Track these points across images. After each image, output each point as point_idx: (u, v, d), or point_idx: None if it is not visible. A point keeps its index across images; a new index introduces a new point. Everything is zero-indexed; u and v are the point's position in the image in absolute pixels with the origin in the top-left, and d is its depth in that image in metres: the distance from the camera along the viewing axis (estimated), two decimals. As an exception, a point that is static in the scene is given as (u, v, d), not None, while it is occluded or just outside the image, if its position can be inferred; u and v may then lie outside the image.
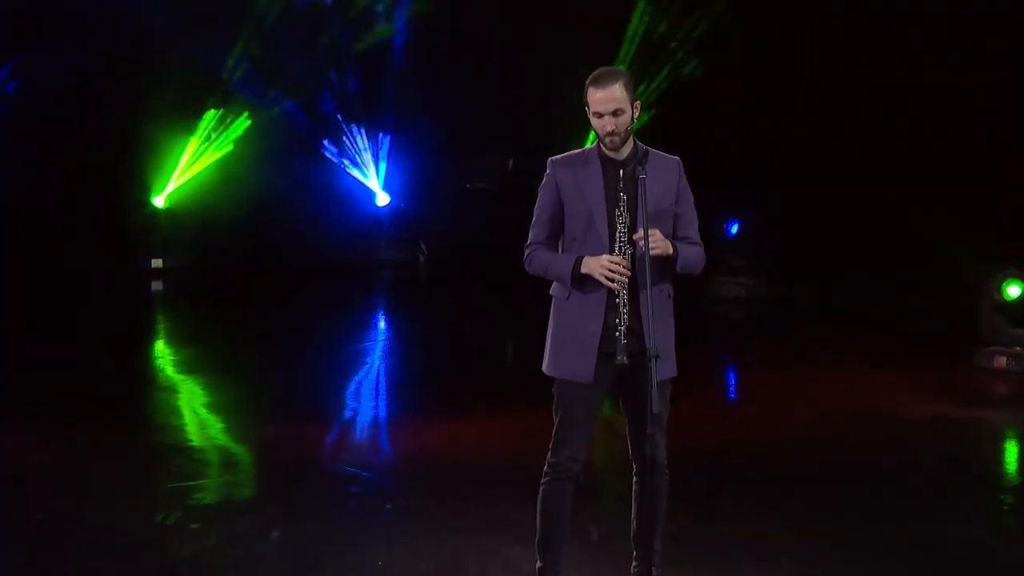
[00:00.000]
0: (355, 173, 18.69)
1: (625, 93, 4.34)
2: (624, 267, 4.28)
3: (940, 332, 11.67)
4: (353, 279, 17.35)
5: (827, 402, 8.85)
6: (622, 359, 4.25)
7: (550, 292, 4.52)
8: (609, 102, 4.31)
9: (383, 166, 18.78)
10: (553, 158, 4.51)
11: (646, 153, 4.33)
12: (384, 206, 18.97)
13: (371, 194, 18.93)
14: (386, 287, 17.79)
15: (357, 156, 18.60)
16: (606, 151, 4.42)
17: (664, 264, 4.35)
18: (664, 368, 4.36)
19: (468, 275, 17.15)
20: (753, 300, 14.89)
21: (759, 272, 15.28)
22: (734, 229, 15.84)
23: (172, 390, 9.60)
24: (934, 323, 12.11)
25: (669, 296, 4.45)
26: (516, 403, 8.43)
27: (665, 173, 4.42)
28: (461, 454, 7.25)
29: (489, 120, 17.50)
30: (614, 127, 4.34)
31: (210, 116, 17.99)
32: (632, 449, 4.50)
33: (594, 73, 4.42)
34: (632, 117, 4.37)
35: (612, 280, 4.27)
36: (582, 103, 4.39)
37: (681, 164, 4.50)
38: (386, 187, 18.85)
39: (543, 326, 4.50)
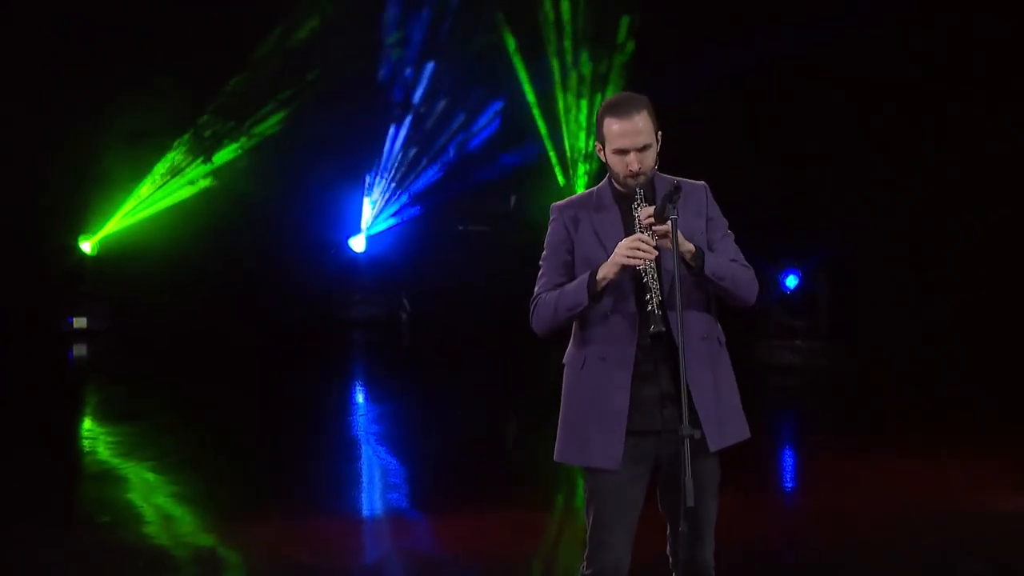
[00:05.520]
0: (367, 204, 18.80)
1: (650, 123, 4.37)
2: (649, 243, 4.27)
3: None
4: (320, 340, 17.36)
5: (900, 493, 8.88)
6: (657, 328, 4.19)
7: (563, 361, 4.51)
8: (635, 135, 4.33)
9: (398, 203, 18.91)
10: (557, 204, 4.54)
11: (677, 188, 4.32)
12: (361, 253, 19.03)
13: (347, 235, 18.99)
14: (361, 351, 17.79)
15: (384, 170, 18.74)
16: (620, 189, 4.46)
17: (705, 305, 4.40)
18: (731, 430, 4.40)
19: (460, 336, 17.17)
20: (811, 369, 14.89)
21: (820, 335, 15.27)
22: (792, 282, 15.72)
23: (104, 478, 9.63)
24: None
25: (719, 343, 4.47)
26: (517, 495, 8.52)
27: (690, 203, 4.45)
28: (451, 554, 7.34)
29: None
30: (640, 166, 4.36)
31: (185, 140, 18.18)
32: (671, 551, 4.48)
33: (610, 100, 4.43)
34: (657, 151, 4.40)
35: (638, 257, 4.26)
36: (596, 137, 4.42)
37: (708, 189, 4.54)
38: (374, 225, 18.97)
39: (553, 399, 4.54)
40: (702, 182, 4.55)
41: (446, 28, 18.28)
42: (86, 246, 18.26)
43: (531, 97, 17.99)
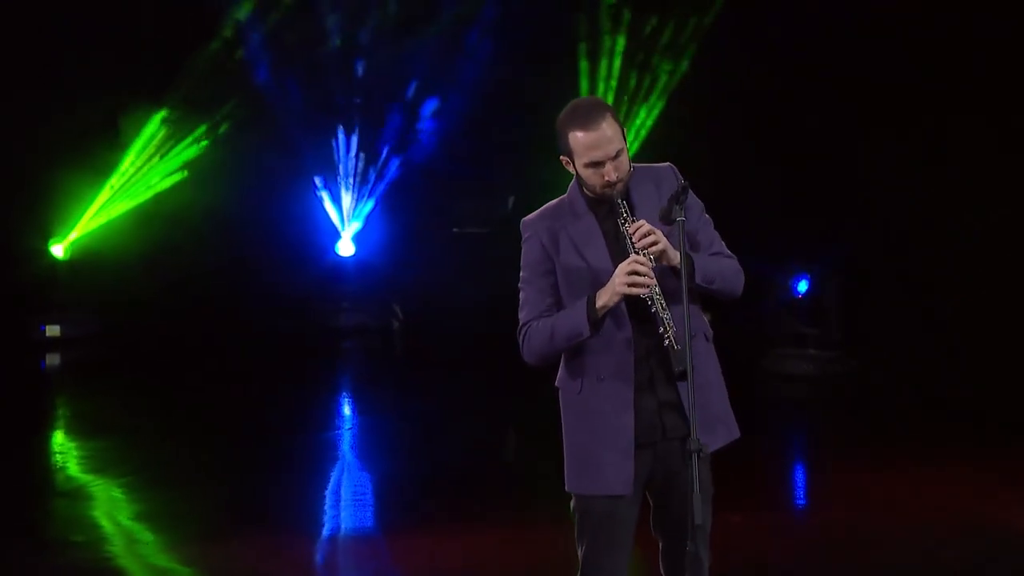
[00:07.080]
0: (328, 206, 18.68)
1: (616, 126, 4.28)
2: (647, 265, 4.15)
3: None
4: (306, 350, 17.28)
5: (919, 511, 8.82)
6: (682, 367, 4.04)
7: (556, 384, 4.42)
8: (607, 144, 4.23)
9: (368, 206, 18.78)
10: (527, 219, 4.44)
11: (685, 189, 4.22)
12: (349, 256, 18.94)
13: (333, 238, 18.91)
14: (350, 361, 17.73)
15: (342, 179, 18.63)
16: (592, 196, 4.35)
17: (693, 297, 4.26)
18: (720, 432, 4.31)
19: (456, 343, 17.08)
20: (824, 379, 14.81)
21: (833, 344, 15.17)
22: (802, 287, 15.60)
23: (75, 495, 9.54)
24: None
25: (707, 338, 4.37)
26: (515, 510, 8.48)
27: (664, 189, 4.34)
28: (445, 572, 7.30)
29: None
30: (617, 174, 4.25)
31: (148, 132, 18.06)
32: (666, 569, 4.41)
33: (571, 110, 4.31)
34: (627, 151, 4.31)
35: (638, 284, 4.13)
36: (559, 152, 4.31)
37: (676, 170, 4.43)
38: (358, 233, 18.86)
39: (552, 410, 4.40)
40: (667, 164, 4.47)
41: (380, 26, 18.20)
42: (57, 250, 18.13)
43: (584, 84, 17.84)
